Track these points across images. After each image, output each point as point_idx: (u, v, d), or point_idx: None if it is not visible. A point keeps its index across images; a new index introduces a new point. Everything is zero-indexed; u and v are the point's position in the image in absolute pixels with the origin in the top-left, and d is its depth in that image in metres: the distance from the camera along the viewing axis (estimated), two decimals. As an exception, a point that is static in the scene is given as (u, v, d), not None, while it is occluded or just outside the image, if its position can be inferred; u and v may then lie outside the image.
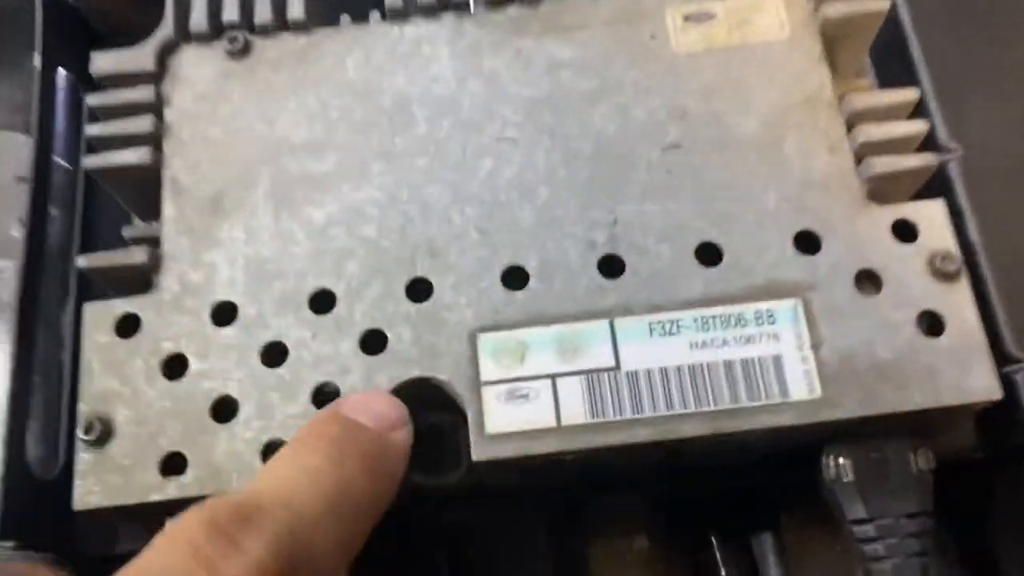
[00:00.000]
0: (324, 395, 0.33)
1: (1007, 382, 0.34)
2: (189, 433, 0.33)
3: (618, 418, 0.32)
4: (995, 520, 0.38)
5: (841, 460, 0.33)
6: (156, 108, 0.37)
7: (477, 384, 0.33)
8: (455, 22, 0.38)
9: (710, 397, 0.32)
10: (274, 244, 0.35)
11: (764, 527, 0.42)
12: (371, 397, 0.31)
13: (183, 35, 0.39)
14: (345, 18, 0.41)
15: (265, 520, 0.25)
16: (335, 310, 0.34)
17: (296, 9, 0.38)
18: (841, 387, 0.32)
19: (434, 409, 0.34)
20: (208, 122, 0.37)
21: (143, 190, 0.37)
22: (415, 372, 0.33)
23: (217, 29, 0.39)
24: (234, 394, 0.33)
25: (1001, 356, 0.35)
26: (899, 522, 0.32)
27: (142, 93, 0.37)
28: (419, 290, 0.34)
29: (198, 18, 0.38)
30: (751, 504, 0.41)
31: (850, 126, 0.35)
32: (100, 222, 0.43)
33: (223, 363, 0.34)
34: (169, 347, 0.34)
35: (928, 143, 0.37)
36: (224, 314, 0.34)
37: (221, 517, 0.25)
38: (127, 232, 0.38)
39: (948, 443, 0.36)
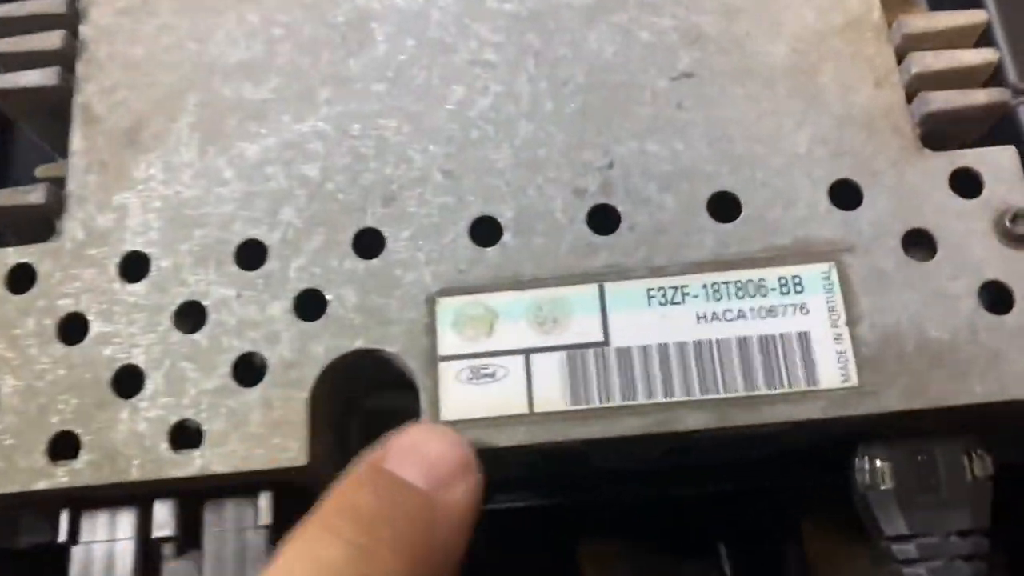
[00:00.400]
0: (247, 367, 0.27)
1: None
2: (85, 409, 0.27)
3: (604, 405, 0.26)
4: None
5: (879, 462, 0.27)
6: (69, 22, 0.31)
7: (434, 359, 0.27)
8: (426, -75, 0.32)
9: (719, 382, 0.26)
10: (197, 184, 0.29)
11: (781, 535, 0.36)
12: (424, 437, 0.24)
13: (105, -62, 0.32)
14: (304, -74, 0.35)
15: None
16: (266, 265, 0.28)
17: (239, -94, 0.32)
18: (883, 373, 0.26)
19: (389, 388, 0.28)
20: (129, 40, 0.31)
21: (58, 119, 0.31)
22: (358, 343, 0.27)
23: (145, -69, 0.32)
24: (140, 363, 0.27)
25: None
26: (948, 541, 0.26)
27: (52, 4, 0.31)
28: (369, 243, 0.28)
29: (123, -83, 0.32)
30: (766, 507, 0.35)
31: (901, 55, 0.29)
32: (19, 162, 0.37)
33: (129, 326, 0.28)
34: (68, 305, 0.28)
35: (995, 82, 0.31)
36: (134, 267, 0.28)
37: None
38: (40, 172, 0.33)
39: (1011, 443, 0.30)
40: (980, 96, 0.28)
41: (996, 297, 0.27)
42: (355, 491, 0.23)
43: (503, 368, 0.26)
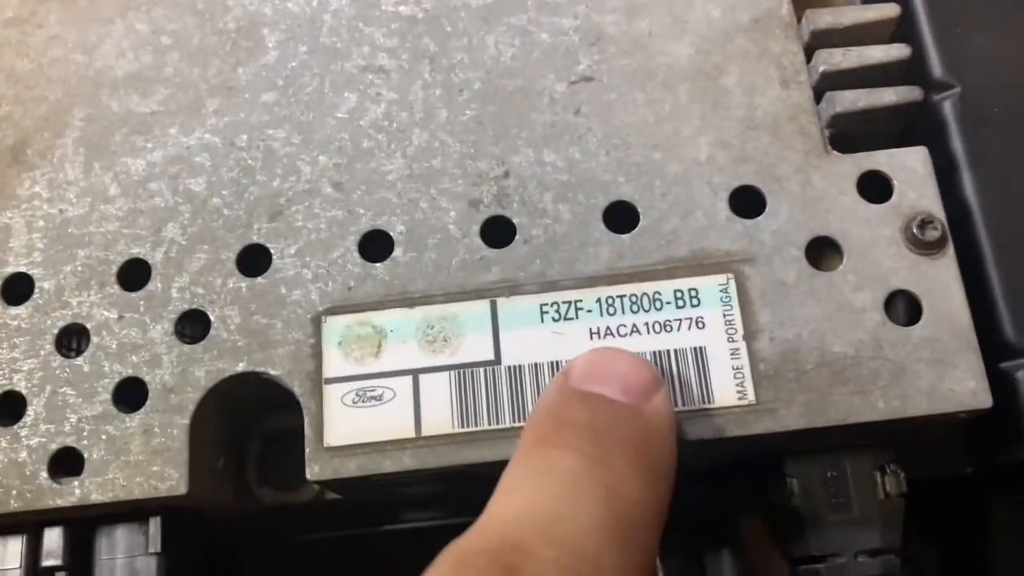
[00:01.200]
0: (129, 393, 0.26)
1: (1005, 381, 0.27)
2: (-36, 438, 0.26)
3: (494, 427, 0.25)
4: (989, 550, 0.30)
5: (788, 479, 0.26)
6: (-45, 35, 0.30)
7: (319, 382, 0.26)
8: (321, -76, 0.30)
9: (611, 401, 0.25)
10: (82, 203, 0.28)
11: (717, 541, 0.35)
12: (607, 357, 0.23)
13: (-7, -55, 0.31)
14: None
15: (535, 568, 0.18)
16: (148, 285, 0.27)
17: (128, -89, 0.31)
18: (782, 390, 0.25)
19: (282, 408, 0.27)
20: (16, 52, 0.30)
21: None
22: (241, 366, 0.26)
23: (35, -63, 0.31)
24: (21, 389, 0.26)
25: (999, 347, 0.27)
26: (857, 562, 0.25)
27: (-65, 16, 0.30)
28: (254, 261, 0.27)
29: (10, -77, 0.31)
30: (695, 519, 0.34)
31: (810, 52, 0.28)
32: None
33: (11, 351, 0.27)
34: (-52, 330, 0.27)
35: (918, 78, 0.30)
36: (16, 289, 0.28)
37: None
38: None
39: (928, 456, 0.29)
40: (889, 95, 0.27)
41: (904, 308, 0.26)
42: (565, 409, 0.22)
43: (390, 390, 0.25)
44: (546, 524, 0.19)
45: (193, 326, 0.27)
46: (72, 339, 0.27)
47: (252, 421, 0.29)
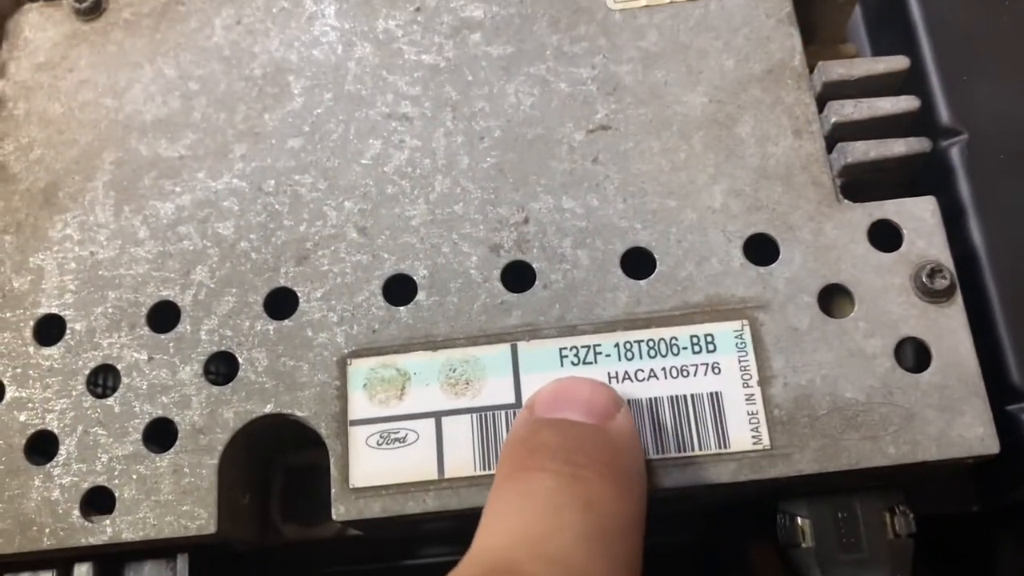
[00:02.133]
0: (159, 434, 0.27)
1: (1011, 423, 0.28)
2: (-1, 476, 0.27)
3: (514, 469, 0.25)
4: (995, 586, 0.31)
5: (799, 520, 0.27)
6: (-12, 78, 0.31)
7: (344, 423, 0.26)
8: (346, -27, 0.31)
9: (629, 445, 0.25)
10: (112, 245, 0.29)
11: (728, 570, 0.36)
12: (568, 385, 0.25)
13: (25, -9, 0.32)
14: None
15: None
16: (177, 327, 0.28)
17: (157, -41, 0.32)
18: (795, 435, 0.25)
19: (306, 446, 0.28)
20: (48, 96, 0.31)
21: (-21, 176, 0.31)
22: (269, 407, 0.27)
23: (66, -17, 0.32)
24: (54, 429, 0.27)
25: (1005, 390, 0.28)
26: (867, 601, 0.26)
27: (-31, 60, 0.31)
28: (281, 304, 0.28)
29: (42, -30, 0.32)
30: (705, 555, 0.35)
31: (822, 103, 0.28)
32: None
33: (44, 391, 0.28)
34: (-18, 370, 0.28)
35: (926, 124, 0.30)
36: (48, 330, 0.28)
37: None
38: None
39: (935, 494, 0.29)
40: (899, 146, 0.28)
41: (913, 355, 0.26)
42: (535, 435, 0.23)
43: (414, 432, 0.26)
44: (534, 543, 0.20)
45: (221, 365, 0.27)
46: (103, 379, 0.28)
47: (276, 457, 0.30)
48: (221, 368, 0.28)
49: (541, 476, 0.22)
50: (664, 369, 0.26)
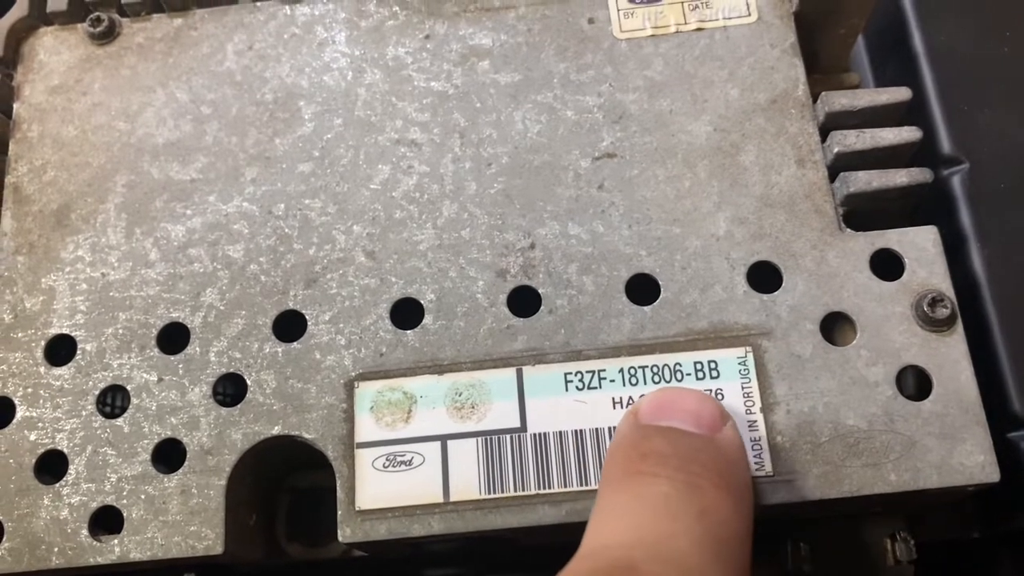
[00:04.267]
0: (167, 454, 0.27)
1: (1013, 451, 0.28)
2: (8, 494, 0.27)
3: (519, 493, 0.26)
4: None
5: (801, 545, 0.27)
6: (3, 102, 0.32)
7: (351, 446, 0.27)
8: (356, 0, 0.32)
9: (633, 470, 0.26)
10: (123, 267, 0.29)
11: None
12: (674, 395, 0.25)
13: (41, 16, 0.33)
14: (244, -5, 0.35)
15: None
16: (187, 349, 0.28)
17: (171, -16, 0.32)
18: (798, 462, 0.26)
19: (312, 466, 0.28)
20: (62, 119, 0.31)
21: (-8, 197, 0.32)
22: (276, 429, 0.27)
23: (81, 9, 0.33)
24: (63, 448, 0.27)
25: (1006, 418, 0.28)
26: (868, 627, 0.26)
27: (-15, 83, 0.32)
28: (290, 326, 0.28)
29: (58, -6, 0.33)
30: None
31: (825, 132, 0.29)
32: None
33: (54, 410, 0.28)
34: (-6, 389, 0.28)
35: (928, 154, 0.31)
36: (59, 351, 0.29)
37: None
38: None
39: (936, 520, 0.30)
40: (901, 176, 0.28)
41: (914, 383, 0.27)
42: (645, 441, 0.23)
43: (420, 455, 0.26)
44: (651, 545, 0.21)
45: (230, 386, 0.28)
46: (112, 399, 0.28)
47: (282, 477, 0.30)
48: (229, 389, 0.28)
49: (656, 481, 0.22)
50: (648, 393, 0.26)
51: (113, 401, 0.28)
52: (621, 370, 0.27)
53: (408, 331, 0.28)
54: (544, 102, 0.30)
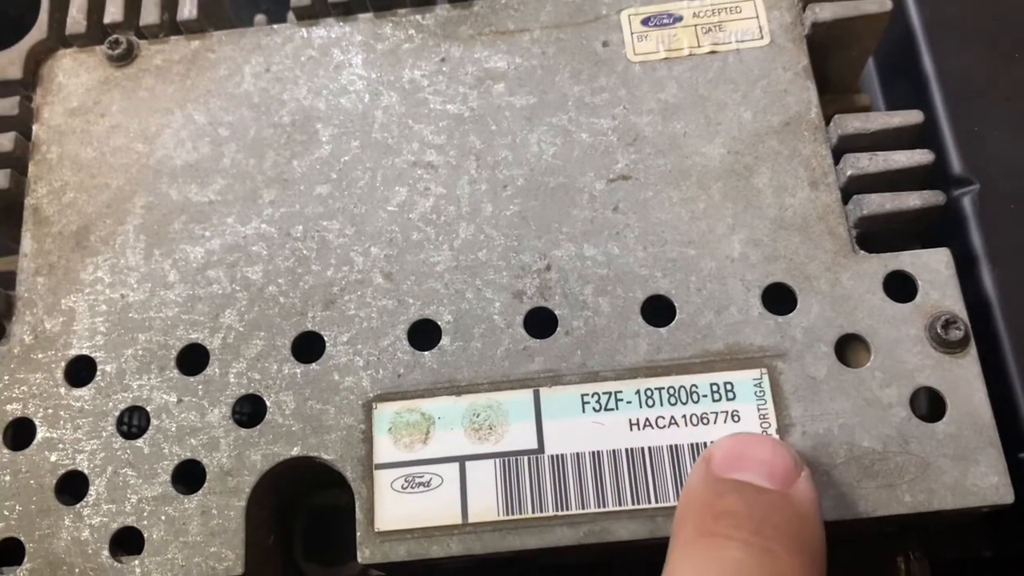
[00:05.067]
0: (187, 475, 0.27)
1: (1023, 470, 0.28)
2: (29, 515, 0.27)
3: (537, 515, 0.26)
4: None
5: (815, 564, 0.27)
6: (22, 124, 0.32)
7: (370, 467, 0.27)
8: (372, 23, 0.32)
9: (650, 492, 0.26)
10: (142, 288, 0.29)
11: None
12: (747, 442, 0.24)
13: (60, 38, 0.33)
14: (260, 18, 0.36)
15: None
16: (206, 370, 0.28)
17: (188, 7, 0.33)
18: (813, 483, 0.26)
19: (328, 485, 0.28)
20: (81, 141, 0.32)
21: (10, 216, 0.32)
22: (296, 450, 0.27)
23: (99, 31, 0.33)
24: (84, 469, 0.28)
25: (1020, 437, 0.28)
26: (882, 648, 0.26)
27: (4, 106, 0.32)
28: (308, 347, 0.28)
29: (76, 17, 0.33)
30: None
31: (838, 155, 0.29)
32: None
33: (74, 431, 0.28)
34: (15, 410, 0.29)
35: (939, 174, 0.31)
36: (79, 372, 0.29)
37: None
38: (-6, 266, 0.33)
39: (949, 538, 0.30)
40: (914, 199, 0.28)
41: (928, 404, 0.27)
42: (719, 499, 0.23)
43: (438, 476, 0.27)
44: None
45: (249, 407, 0.28)
46: (131, 419, 0.28)
47: (300, 497, 0.30)
48: (247, 409, 0.28)
49: (729, 544, 0.22)
50: (684, 416, 0.27)
51: (131, 420, 0.29)
52: (638, 391, 0.27)
53: (425, 352, 0.28)
54: (559, 124, 0.30)
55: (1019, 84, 0.32)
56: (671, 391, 0.27)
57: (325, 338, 0.28)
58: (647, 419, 0.27)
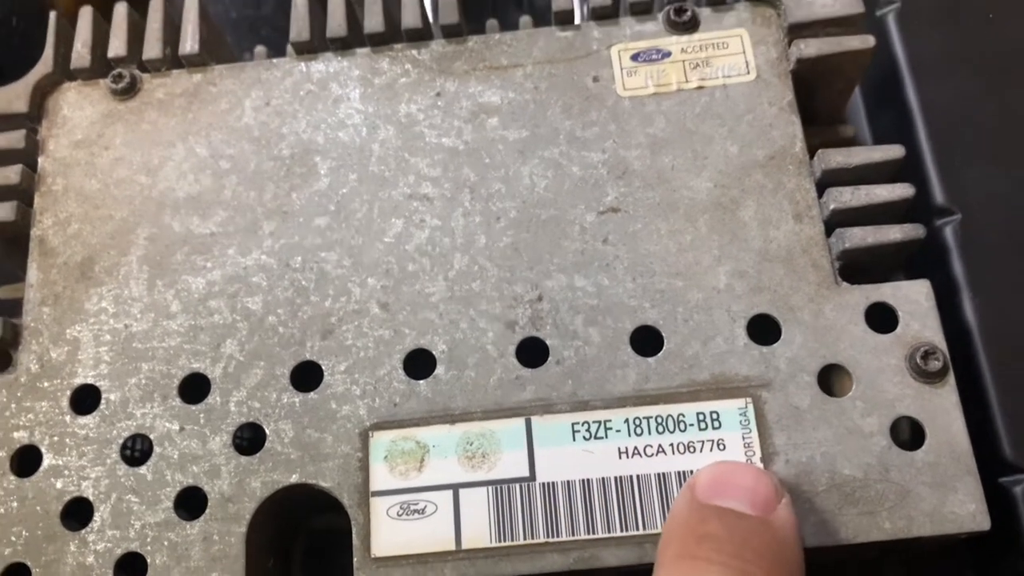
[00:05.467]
0: (189, 501, 0.28)
1: (1004, 495, 0.29)
2: (35, 541, 0.28)
3: (528, 541, 0.27)
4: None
5: (799, 588, 0.28)
6: (28, 156, 0.33)
7: (366, 494, 0.28)
8: (370, 58, 0.33)
9: (639, 519, 0.27)
10: (145, 318, 0.30)
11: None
12: (730, 470, 0.25)
13: (65, 72, 0.34)
14: (260, 50, 0.37)
15: None
16: (207, 399, 0.29)
17: (190, 42, 0.33)
18: (796, 510, 0.26)
19: (326, 509, 0.29)
20: (85, 173, 0.33)
21: (17, 246, 0.33)
22: (294, 477, 0.28)
23: (103, 65, 0.34)
24: (89, 496, 0.28)
25: (998, 463, 0.29)
26: (864, 670, 0.27)
27: (11, 139, 0.33)
28: (307, 377, 0.29)
29: (81, 52, 0.34)
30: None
31: (822, 188, 0.30)
32: None
33: (79, 458, 0.29)
34: (22, 438, 0.29)
35: (921, 204, 0.32)
36: (84, 400, 0.30)
37: None
38: (1, 292, 0.34)
39: (931, 565, 0.31)
40: (895, 232, 0.29)
41: (908, 433, 0.28)
42: (701, 523, 0.24)
43: (432, 504, 0.27)
44: None
45: (249, 435, 0.29)
46: (134, 444, 0.29)
47: (299, 522, 0.31)
48: (247, 434, 0.29)
49: (710, 568, 0.23)
50: (672, 445, 0.27)
51: (134, 445, 0.29)
52: (627, 420, 0.28)
53: (421, 381, 0.29)
54: (551, 158, 0.31)
55: (1000, 116, 0.33)
56: (659, 420, 0.28)
57: (323, 367, 0.29)
58: (636, 447, 0.28)
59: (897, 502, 0.26)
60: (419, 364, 0.29)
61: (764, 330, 0.28)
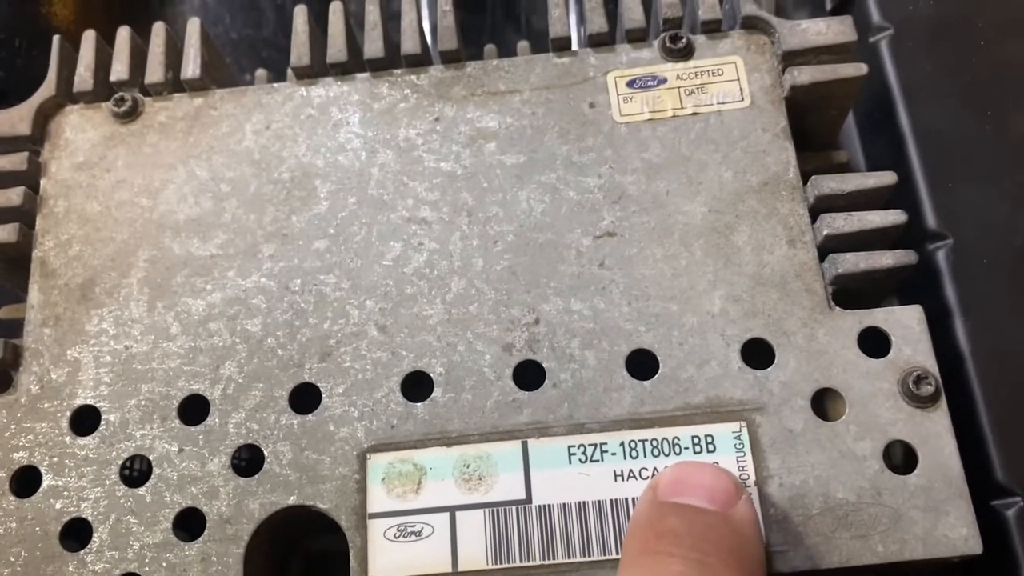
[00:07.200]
0: (188, 523, 0.28)
1: (995, 518, 0.29)
2: (34, 562, 0.28)
3: (524, 563, 0.27)
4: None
5: (793, 610, 0.28)
6: (30, 178, 0.33)
7: (363, 516, 0.28)
8: (369, 83, 0.33)
9: (633, 541, 0.27)
10: (145, 340, 0.31)
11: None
12: (690, 470, 0.26)
13: (67, 95, 0.34)
14: (261, 73, 0.37)
15: None
16: (206, 420, 0.29)
17: (192, 66, 0.34)
18: (790, 533, 0.27)
19: (324, 530, 0.29)
20: (87, 195, 0.33)
21: (19, 266, 0.33)
22: (292, 499, 0.28)
23: (106, 88, 0.34)
24: (88, 516, 0.29)
25: (990, 486, 0.29)
26: None
27: (14, 160, 0.33)
28: (305, 399, 0.29)
29: (84, 75, 0.34)
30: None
31: (815, 214, 0.30)
32: None
33: (79, 479, 0.29)
34: (21, 458, 0.30)
35: (914, 228, 0.32)
36: (84, 421, 0.30)
37: None
38: (2, 313, 0.34)
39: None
40: (887, 258, 0.29)
41: (901, 457, 0.28)
42: (660, 520, 0.25)
43: (429, 526, 0.28)
44: None
45: (247, 456, 0.29)
46: (132, 464, 0.30)
47: (297, 543, 0.31)
48: (245, 455, 0.29)
49: (670, 561, 0.23)
50: (667, 468, 0.28)
51: (133, 465, 0.30)
52: (622, 443, 0.28)
53: (418, 404, 0.29)
54: (548, 182, 0.31)
55: (992, 141, 0.34)
56: (654, 443, 0.28)
57: (321, 389, 0.29)
58: (631, 470, 0.28)
59: (890, 525, 0.27)
60: (417, 386, 0.29)
61: (758, 354, 0.29)
